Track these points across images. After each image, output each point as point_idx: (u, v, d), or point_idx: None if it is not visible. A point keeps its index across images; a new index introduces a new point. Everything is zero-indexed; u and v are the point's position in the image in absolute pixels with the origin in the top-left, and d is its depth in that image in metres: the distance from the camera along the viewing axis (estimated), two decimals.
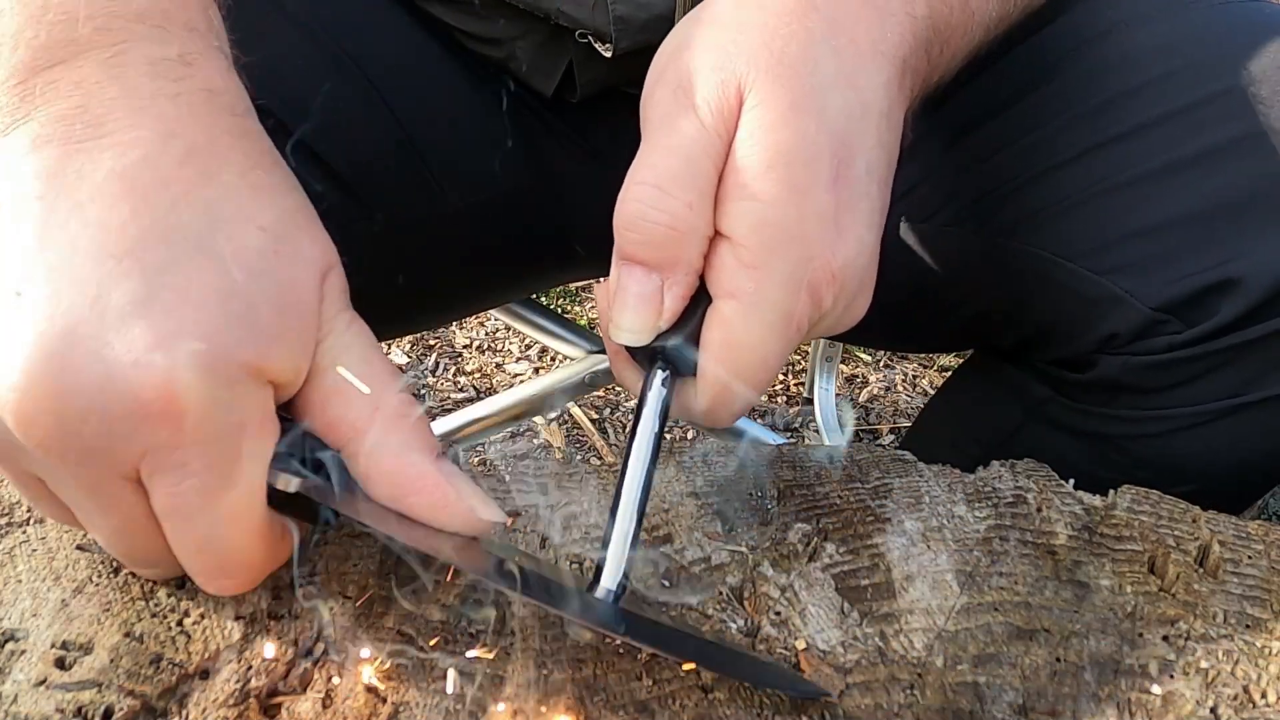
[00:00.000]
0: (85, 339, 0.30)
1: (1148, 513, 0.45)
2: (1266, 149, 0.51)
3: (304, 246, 0.35)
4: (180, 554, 0.34)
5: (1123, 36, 0.57)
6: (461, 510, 0.35)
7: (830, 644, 0.38)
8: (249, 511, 0.33)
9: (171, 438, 0.31)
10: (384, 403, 0.35)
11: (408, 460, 0.35)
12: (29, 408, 0.30)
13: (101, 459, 0.31)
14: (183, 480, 0.32)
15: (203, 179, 0.33)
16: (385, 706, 0.34)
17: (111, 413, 0.30)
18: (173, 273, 0.31)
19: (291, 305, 0.34)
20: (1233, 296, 0.51)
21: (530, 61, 0.68)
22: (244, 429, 0.32)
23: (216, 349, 0.31)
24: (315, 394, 0.35)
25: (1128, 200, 0.54)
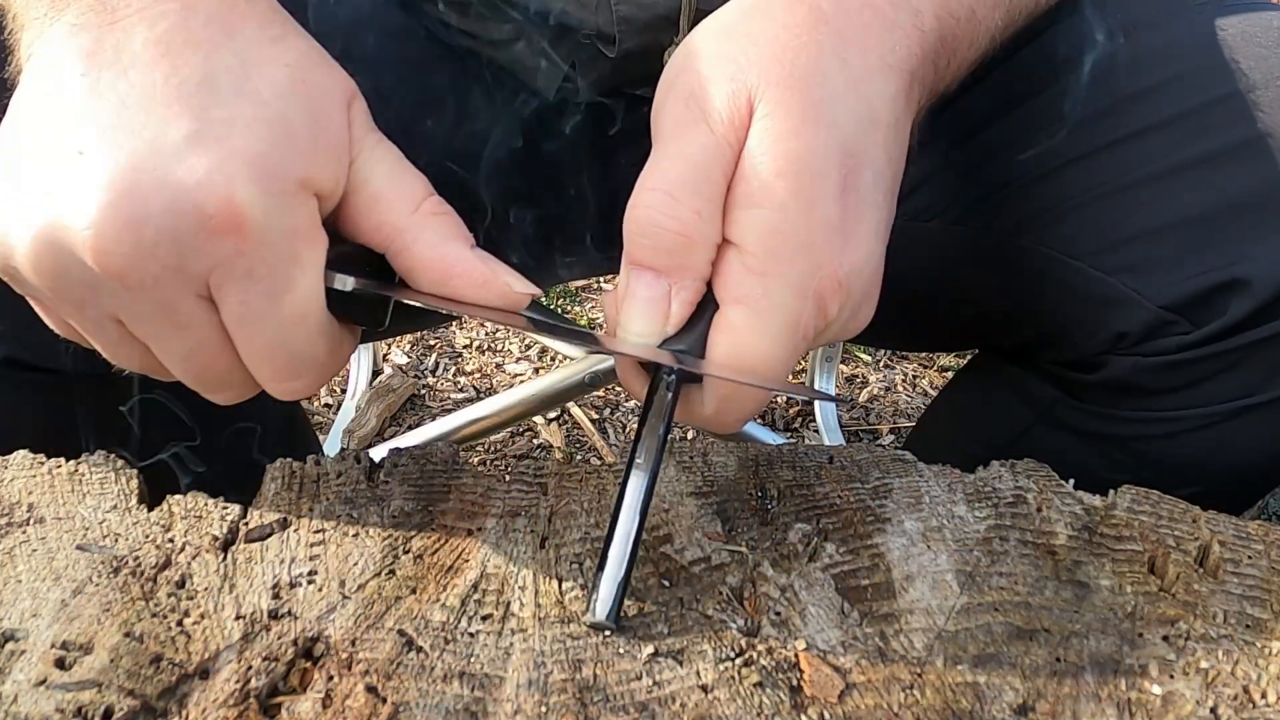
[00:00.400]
0: (149, 172, 0.33)
1: (1148, 513, 0.45)
2: (1274, 151, 0.51)
3: (327, 76, 0.39)
4: (252, 362, 0.37)
5: (1130, 40, 0.57)
6: (499, 286, 0.39)
7: (830, 644, 0.38)
8: (311, 311, 0.37)
9: (237, 247, 0.34)
10: (420, 204, 0.39)
11: (447, 249, 0.39)
12: (107, 241, 0.33)
13: (175, 279, 0.34)
14: (250, 287, 0.35)
15: (227, 34, 0.37)
16: (385, 706, 0.34)
17: (181, 231, 0.34)
18: (217, 110, 0.35)
19: (324, 125, 0.37)
20: (1241, 296, 0.51)
21: (533, 62, 0.68)
22: (298, 235, 0.36)
23: (267, 165, 0.35)
24: (356, 204, 0.39)
25: (1135, 200, 0.54)
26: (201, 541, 0.41)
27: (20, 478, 0.44)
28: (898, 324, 0.73)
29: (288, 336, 0.37)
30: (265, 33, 0.38)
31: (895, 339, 0.92)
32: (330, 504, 0.43)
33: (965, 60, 0.48)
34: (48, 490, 0.43)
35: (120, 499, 0.43)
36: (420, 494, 0.44)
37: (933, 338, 0.80)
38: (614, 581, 0.37)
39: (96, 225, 0.33)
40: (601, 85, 0.68)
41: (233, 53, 0.37)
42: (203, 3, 0.37)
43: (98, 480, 0.44)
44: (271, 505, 0.43)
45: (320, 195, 0.37)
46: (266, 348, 0.37)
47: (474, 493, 0.44)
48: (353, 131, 0.39)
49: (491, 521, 0.43)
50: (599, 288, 1.81)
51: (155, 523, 0.42)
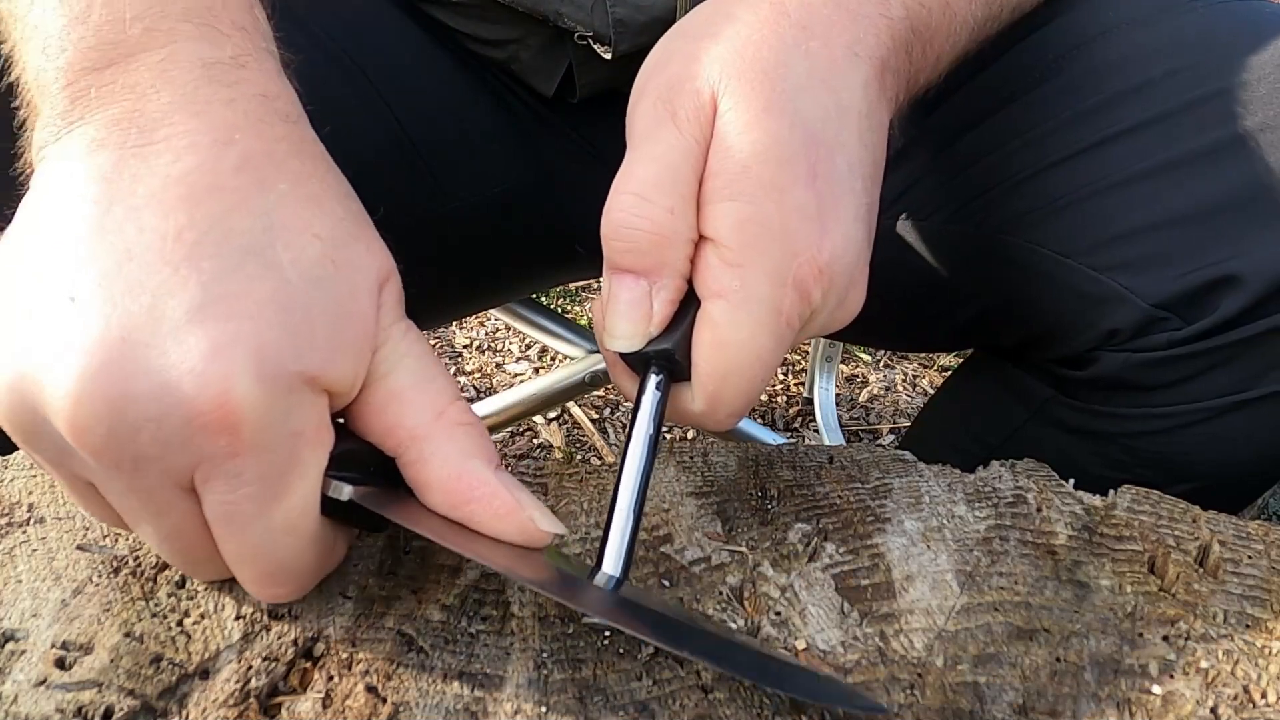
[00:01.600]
0: (141, 347, 0.29)
1: (1148, 512, 0.45)
2: (1266, 147, 0.51)
3: (361, 255, 0.34)
4: (231, 561, 0.34)
5: (1123, 36, 0.57)
6: (521, 520, 0.35)
7: (830, 644, 0.38)
8: (303, 520, 0.33)
9: (228, 447, 0.30)
10: (444, 411, 0.35)
11: (467, 468, 0.35)
12: (83, 416, 0.29)
13: (155, 467, 0.31)
14: (237, 489, 0.31)
15: (258, 187, 0.33)
16: (385, 706, 0.34)
17: (167, 422, 0.30)
18: (229, 281, 0.31)
19: (349, 315, 0.33)
20: (1233, 293, 0.51)
21: (530, 63, 0.68)
22: (300, 438, 0.32)
23: (274, 359, 0.31)
24: (371, 402, 0.35)
25: (1127, 197, 0.54)
26: None
27: (20, 478, 0.44)
28: (892, 324, 0.73)
29: (273, 543, 0.33)
30: (302, 188, 0.34)
31: (891, 339, 0.92)
32: None
33: (944, 52, 0.49)
34: (48, 490, 0.43)
35: None
36: None
37: (928, 338, 0.80)
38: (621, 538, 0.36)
39: (74, 397, 0.29)
40: (599, 86, 0.68)
41: (260, 211, 0.32)
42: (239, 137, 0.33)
43: None
44: None
45: (332, 392, 0.33)
46: (249, 552, 0.33)
47: None
48: (380, 319, 0.35)
49: None
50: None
51: None
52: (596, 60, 0.64)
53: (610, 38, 0.61)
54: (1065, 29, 0.60)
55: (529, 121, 0.72)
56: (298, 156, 0.35)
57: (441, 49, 0.69)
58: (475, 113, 0.69)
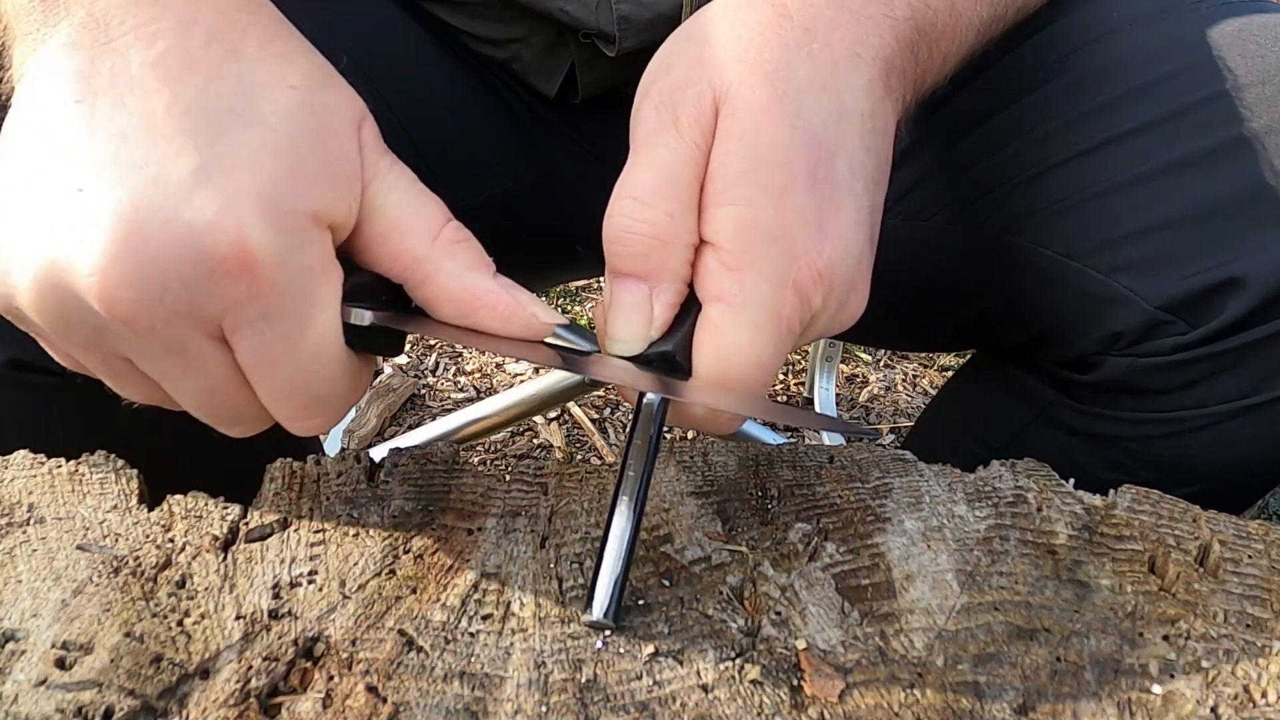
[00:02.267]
0: (155, 212, 0.32)
1: (1148, 512, 0.45)
2: (1270, 149, 0.51)
3: (334, 98, 0.37)
4: (269, 402, 0.36)
5: (1126, 37, 0.57)
6: (525, 316, 0.38)
7: (830, 644, 0.38)
8: (329, 349, 0.36)
9: (249, 289, 0.33)
10: (440, 231, 0.38)
11: (470, 279, 0.37)
12: (112, 286, 0.32)
13: (186, 323, 0.33)
14: (265, 329, 0.34)
15: (229, 55, 0.35)
16: (385, 706, 0.34)
17: (191, 275, 0.32)
18: (222, 140, 0.33)
19: (335, 151, 0.35)
20: (1237, 296, 0.51)
21: (533, 62, 0.68)
22: (314, 271, 0.34)
23: (278, 200, 0.33)
24: (371, 233, 0.37)
25: (1131, 199, 0.54)
26: (201, 541, 0.41)
27: (20, 478, 0.44)
28: (895, 324, 0.73)
29: (306, 375, 0.35)
30: (269, 50, 0.36)
31: (893, 339, 0.92)
32: (330, 504, 0.43)
33: (950, 53, 0.48)
34: (48, 490, 0.43)
35: (120, 499, 0.43)
36: (420, 494, 0.44)
37: (930, 338, 0.80)
38: (611, 579, 0.37)
39: (101, 270, 0.31)
40: (602, 86, 0.68)
41: (236, 75, 0.35)
42: (202, 18, 0.35)
43: (98, 480, 0.44)
44: (271, 505, 0.43)
45: (333, 226, 0.35)
46: (285, 388, 0.36)
47: (474, 493, 0.44)
48: (364, 155, 0.37)
49: (491, 521, 0.43)
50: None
51: (155, 523, 0.42)
52: (599, 60, 0.64)
53: (614, 35, 0.61)
54: (1069, 30, 0.59)
55: (530, 122, 0.72)
56: (259, 24, 0.37)
57: (443, 49, 0.69)
58: (476, 113, 0.69)
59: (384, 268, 0.38)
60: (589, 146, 0.74)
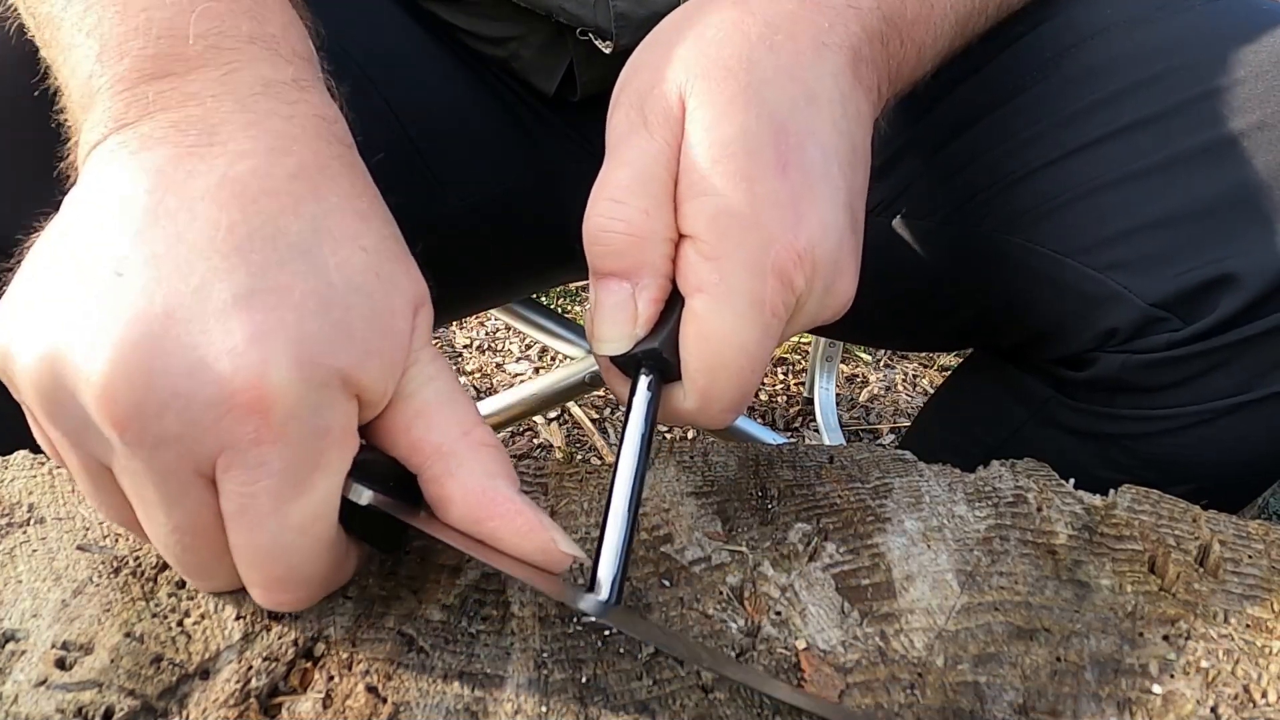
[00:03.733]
0: (182, 323, 0.30)
1: (1148, 512, 0.45)
2: (1263, 145, 0.51)
3: (401, 275, 0.35)
4: (242, 561, 0.33)
5: (1120, 34, 0.57)
6: (543, 539, 0.35)
7: (830, 644, 0.38)
8: (319, 521, 0.33)
9: (254, 433, 0.30)
10: (470, 431, 0.35)
11: (491, 485, 0.35)
12: (116, 386, 0.29)
13: (179, 448, 0.31)
14: (259, 479, 0.31)
15: (311, 194, 0.34)
16: (385, 706, 0.34)
17: (198, 400, 0.30)
18: (276, 275, 0.31)
19: (385, 325, 0.34)
20: (1231, 293, 0.51)
21: (531, 61, 0.68)
22: (328, 435, 0.32)
23: (312, 351, 0.31)
24: (399, 417, 0.35)
25: (1125, 196, 0.54)
26: None
27: (20, 478, 0.44)
28: (892, 324, 0.73)
29: (287, 543, 0.33)
30: (352, 204, 0.35)
31: (891, 339, 0.92)
32: None
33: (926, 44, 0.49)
34: (48, 490, 0.43)
35: None
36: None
37: (927, 337, 0.80)
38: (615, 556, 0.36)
39: (110, 364, 0.29)
40: (600, 84, 0.68)
41: (311, 216, 0.33)
42: (296, 150, 0.34)
43: None
44: None
45: (363, 400, 0.33)
46: (261, 551, 0.33)
47: None
48: (413, 340, 0.35)
49: None
50: None
51: None
52: (597, 57, 0.64)
53: (611, 32, 0.61)
54: (1062, 27, 0.60)
55: (529, 121, 0.72)
56: (349, 176, 0.36)
57: (442, 48, 0.69)
58: (475, 112, 0.69)
59: (403, 454, 0.35)
60: (588, 146, 0.74)
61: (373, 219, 0.35)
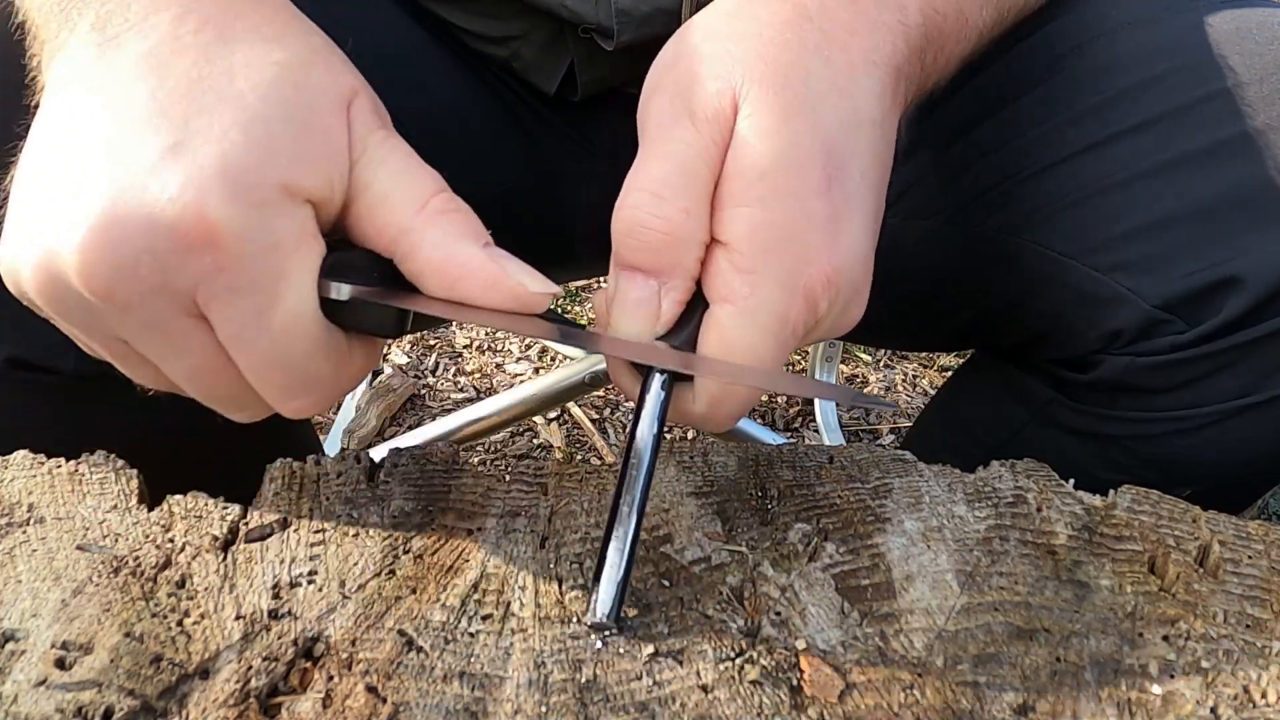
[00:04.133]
0: (129, 193, 0.33)
1: (1148, 512, 0.45)
2: (1268, 146, 0.51)
3: (320, 74, 0.37)
4: (253, 380, 0.36)
5: (1125, 36, 0.57)
6: (511, 286, 0.37)
7: (830, 644, 0.38)
8: (303, 324, 0.35)
9: (214, 263, 0.33)
10: (425, 202, 0.37)
11: (454, 248, 0.36)
12: (90, 264, 0.33)
13: (161, 298, 0.34)
14: (235, 302, 0.34)
15: (219, 39, 0.36)
16: (385, 706, 0.34)
17: (158, 250, 0.33)
18: (196, 119, 0.34)
19: (312, 126, 0.35)
20: (1235, 294, 0.51)
21: (532, 60, 0.68)
22: (283, 246, 0.34)
23: (241, 175, 0.33)
24: (361, 208, 0.37)
25: (1129, 197, 0.54)
26: (201, 541, 0.41)
27: (20, 478, 0.44)
28: (894, 324, 0.73)
29: (282, 351, 0.35)
30: (260, 32, 0.36)
31: (892, 339, 0.92)
32: (330, 504, 0.43)
33: (953, 56, 0.49)
34: (48, 490, 0.43)
35: (120, 499, 0.43)
36: (420, 494, 0.44)
37: (930, 338, 0.80)
38: (613, 581, 0.37)
39: (80, 250, 0.33)
40: (601, 84, 0.68)
41: (222, 56, 0.35)
42: (197, 7, 0.36)
43: (98, 480, 0.44)
44: (271, 505, 0.43)
45: (314, 202, 0.35)
46: (262, 364, 0.35)
47: (474, 493, 0.44)
48: (354, 131, 0.37)
49: (491, 521, 0.43)
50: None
51: (155, 523, 0.42)
52: (598, 57, 0.64)
53: (613, 30, 0.61)
54: (1067, 28, 0.60)
55: (529, 121, 0.72)
56: (257, 10, 0.37)
57: (442, 48, 0.69)
58: (475, 112, 0.69)
59: (373, 243, 0.37)
60: (588, 146, 0.74)
61: (285, 36, 0.37)
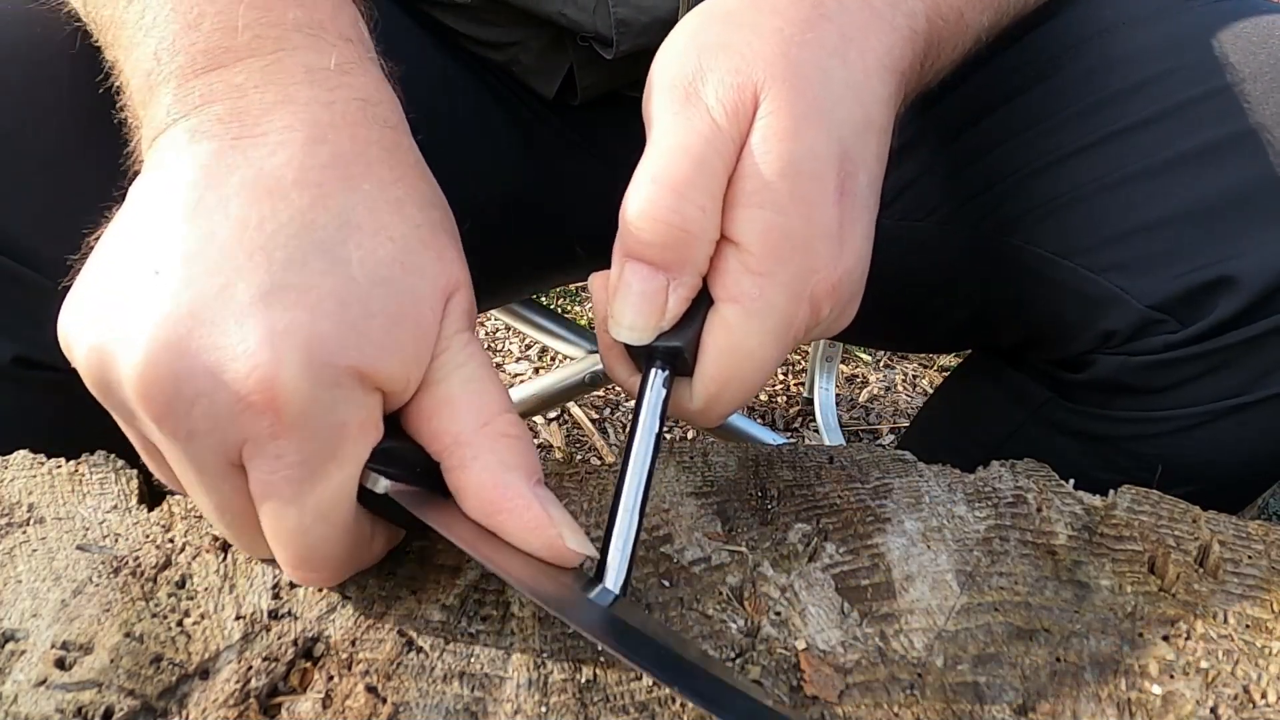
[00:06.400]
0: (206, 325, 0.31)
1: (1148, 513, 0.45)
2: (1262, 146, 0.51)
3: (431, 262, 0.35)
4: (270, 540, 0.35)
5: (1121, 36, 0.57)
6: (550, 536, 0.35)
7: (830, 644, 0.38)
8: (337, 507, 0.34)
9: (269, 429, 0.32)
10: (490, 421, 0.35)
11: (504, 478, 0.35)
12: (147, 385, 0.31)
13: (208, 440, 0.32)
14: (277, 470, 0.32)
15: (343, 185, 0.34)
16: (385, 706, 0.34)
17: (218, 398, 0.31)
18: (297, 272, 0.32)
19: (409, 317, 0.34)
20: (1229, 294, 0.51)
21: (531, 65, 0.68)
22: (344, 429, 0.33)
23: (324, 351, 0.32)
24: (424, 405, 0.35)
25: (1124, 197, 0.54)
26: (202, 541, 0.41)
27: (20, 478, 0.44)
28: (890, 324, 0.73)
29: (309, 527, 0.34)
30: (386, 191, 0.35)
31: (888, 339, 0.92)
32: None
33: (949, 61, 0.49)
34: (48, 490, 0.43)
35: (120, 499, 0.43)
36: None
37: (926, 338, 0.80)
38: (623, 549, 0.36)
39: (140, 366, 0.31)
40: (600, 88, 0.68)
41: (341, 208, 0.33)
42: (334, 137, 0.35)
43: (98, 480, 0.44)
44: None
45: (385, 392, 0.34)
46: (285, 533, 0.34)
47: None
48: (444, 327, 0.35)
49: None
50: None
51: (155, 523, 0.42)
52: (597, 63, 0.64)
53: (612, 38, 0.61)
54: (1062, 28, 0.60)
55: (529, 123, 0.72)
56: (388, 162, 0.36)
57: (442, 51, 0.69)
58: (476, 114, 0.69)
59: (425, 442, 0.36)
60: (589, 149, 0.74)
61: (407, 205, 0.35)
